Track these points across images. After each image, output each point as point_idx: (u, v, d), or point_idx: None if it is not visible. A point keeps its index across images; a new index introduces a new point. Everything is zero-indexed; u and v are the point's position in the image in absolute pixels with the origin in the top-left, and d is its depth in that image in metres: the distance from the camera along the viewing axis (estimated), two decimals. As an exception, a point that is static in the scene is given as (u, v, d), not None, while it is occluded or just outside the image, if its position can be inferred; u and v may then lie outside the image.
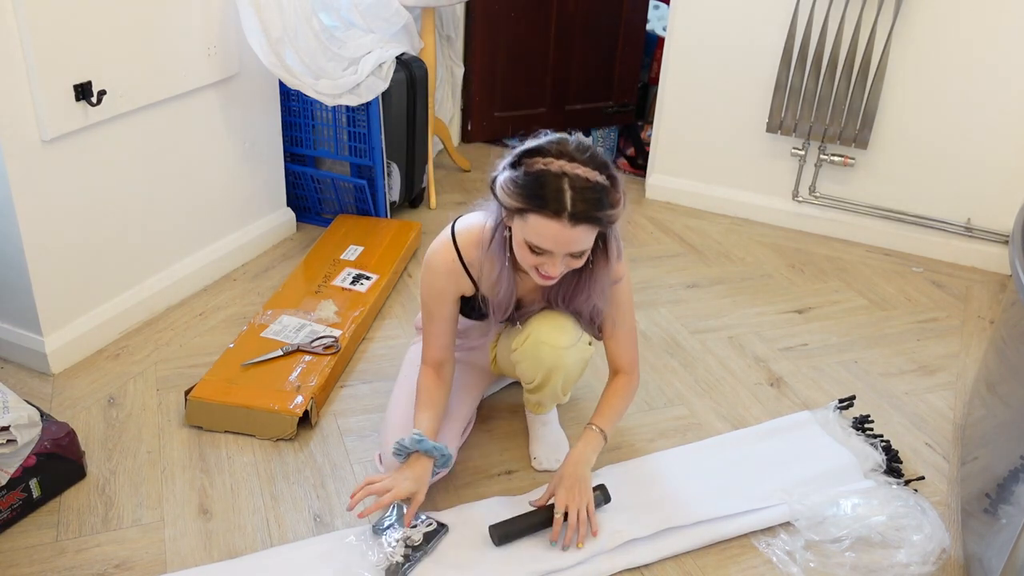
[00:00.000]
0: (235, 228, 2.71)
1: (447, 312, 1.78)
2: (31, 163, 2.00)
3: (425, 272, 1.77)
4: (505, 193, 1.54)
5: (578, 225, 1.49)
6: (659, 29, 4.12)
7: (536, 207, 1.49)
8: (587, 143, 1.54)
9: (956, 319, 2.66)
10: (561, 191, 1.47)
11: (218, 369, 2.12)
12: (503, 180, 1.54)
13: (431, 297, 1.77)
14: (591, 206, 1.48)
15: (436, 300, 1.77)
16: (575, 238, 1.51)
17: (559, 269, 1.57)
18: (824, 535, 1.78)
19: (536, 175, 1.49)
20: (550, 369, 1.79)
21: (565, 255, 1.54)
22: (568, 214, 1.47)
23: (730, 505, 1.83)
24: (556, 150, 1.51)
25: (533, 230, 1.51)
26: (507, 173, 1.54)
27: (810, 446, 2.04)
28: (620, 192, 1.53)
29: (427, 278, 1.76)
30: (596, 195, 1.49)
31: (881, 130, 2.93)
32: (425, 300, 1.78)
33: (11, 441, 1.71)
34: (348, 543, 1.73)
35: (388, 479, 1.65)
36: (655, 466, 1.97)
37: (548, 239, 1.51)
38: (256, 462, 1.96)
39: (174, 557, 1.71)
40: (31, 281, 2.09)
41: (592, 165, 1.50)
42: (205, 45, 2.38)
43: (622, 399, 1.86)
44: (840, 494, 1.88)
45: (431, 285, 1.76)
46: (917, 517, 1.82)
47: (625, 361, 1.85)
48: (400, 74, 2.83)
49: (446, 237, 1.74)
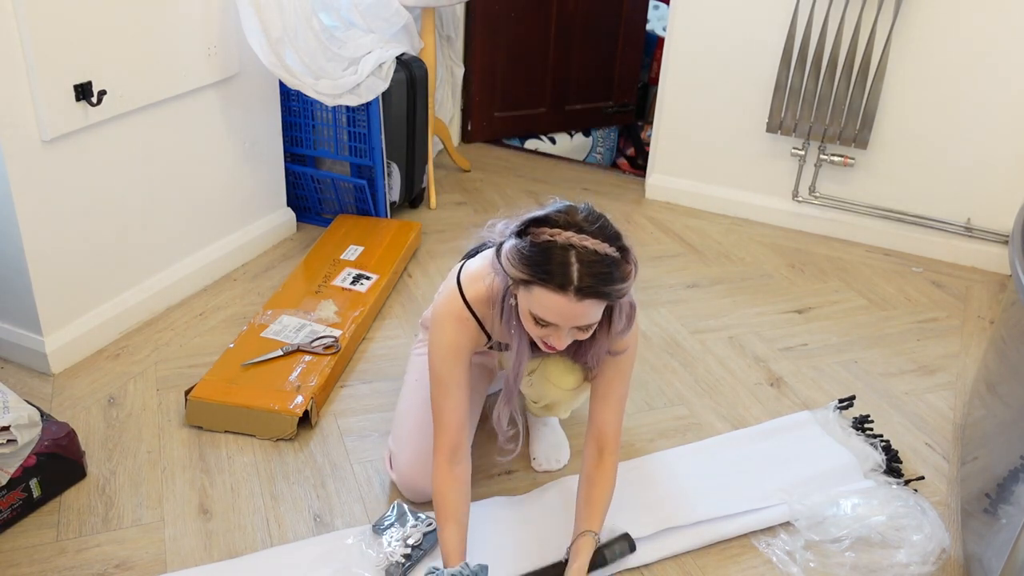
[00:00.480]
0: (235, 228, 2.71)
1: (461, 377, 1.64)
2: (31, 163, 2.00)
3: (437, 331, 1.65)
4: (510, 263, 1.47)
5: (584, 299, 1.41)
6: (659, 29, 4.13)
7: (541, 280, 1.42)
8: (597, 213, 1.47)
9: (956, 319, 2.66)
10: (568, 264, 1.40)
11: (218, 369, 2.12)
12: (508, 249, 1.47)
13: (446, 358, 1.63)
14: (599, 280, 1.41)
15: (451, 360, 1.63)
16: (581, 312, 1.44)
17: (564, 342, 1.50)
18: (824, 535, 1.79)
19: (542, 246, 1.42)
20: (553, 403, 1.83)
21: (571, 328, 1.48)
22: (575, 288, 1.40)
23: (730, 505, 1.83)
24: (564, 220, 1.43)
25: (538, 302, 1.45)
26: (512, 242, 1.47)
27: (810, 446, 2.05)
28: (631, 263, 1.46)
29: (440, 337, 1.64)
30: (605, 269, 1.41)
31: (881, 130, 2.93)
32: (437, 365, 1.64)
33: (11, 441, 1.71)
34: (348, 543, 1.73)
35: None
36: (655, 466, 1.97)
37: (553, 312, 1.44)
38: (256, 462, 1.96)
39: (174, 557, 1.71)
40: (31, 281, 2.09)
41: (602, 237, 1.42)
42: (205, 45, 2.38)
43: (607, 490, 1.67)
44: (840, 494, 1.88)
45: (446, 344, 1.63)
46: (917, 517, 1.82)
47: (611, 432, 1.69)
48: (400, 74, 2.83)
49: (454, 294, 1.65)
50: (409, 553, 1.68)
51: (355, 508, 1.84)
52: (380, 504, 1.85)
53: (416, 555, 1.68)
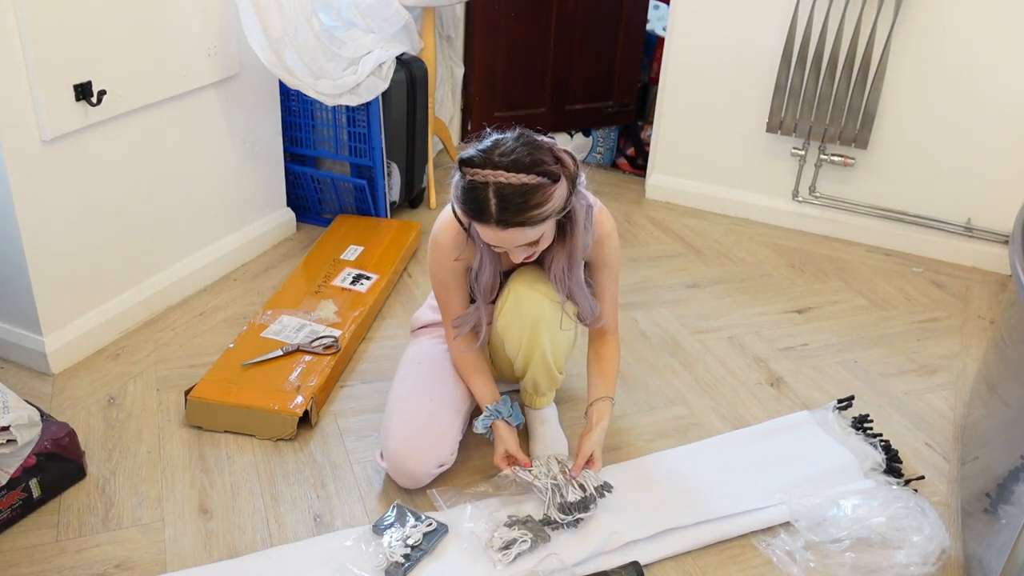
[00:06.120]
0: (235, 228, 2.71)
1: (460, 279, 1.85)
2: (31, 163, 2.00)
3: (434, 250, 1.83)
4: (455, 199, 1.63)
5: (508, 228, 1.56)
6: (659, 29, 4.12)
7: (471, 215, 1.59)
8: (516, 145, 1.57)
9: (956, 319, 2.66)
10: (487, 200, 1.54)
11: (218, 369, 2.12)
12: (452, 185, 1.63)
13: (444, 272, 1.83)
14: (515, 211, 1.54)
15: (447, 273, 1.83)
16: (513, 237, 1.59)
17: (520, 257, 1.67)
18: (824, 536, 1.79)
19: (468, 185, 1.56)
20: (534, 322, 1.81)
21: (518, 247, 1.64)
22: (495, 220, 1.55)
23: (730, 505, 1.83)
24: (481, 159, 1.56)
25: (479, 230, 1.62)
26: (456, 178, 1.61)
27: (810, 446, 2.04)
28: (554, 187, 1.56)
29: (436, 255, 1.82)
30: (519, 199, 1.53)
31: (881, 130, 2.93)
32: (437, 271, 1.84)
33: (11, 441, 1.71)
34: (347, 544, 1.73)
35: (506, 453, 1.82)
36: (655, 466, 1.97)
37: (491, 239, 1.62)
38: (256, 462, 1.96)
39: (174, 557, 1.71)
40: (31, 281, 2.09)
41: (515, 168, 1.53)
42: (205, 45, 2.38)
43: (614, 360, 1.94)
44: (840, 494, 1.88)
45: (442, 262, 1.82)
46: (917, 518, 1.82)
47: (609, 321, 1.93)
48: (400, 74, 2.83)
49: (448, 213, 1.80)
50: (409, 553, 1.68)
51: (355, 508, 1.84)
52: (380, 504, 1.85)
53: (416, 555, 1.68)
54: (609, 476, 1.87)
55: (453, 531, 1.76)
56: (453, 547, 1.73)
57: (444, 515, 1.80)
